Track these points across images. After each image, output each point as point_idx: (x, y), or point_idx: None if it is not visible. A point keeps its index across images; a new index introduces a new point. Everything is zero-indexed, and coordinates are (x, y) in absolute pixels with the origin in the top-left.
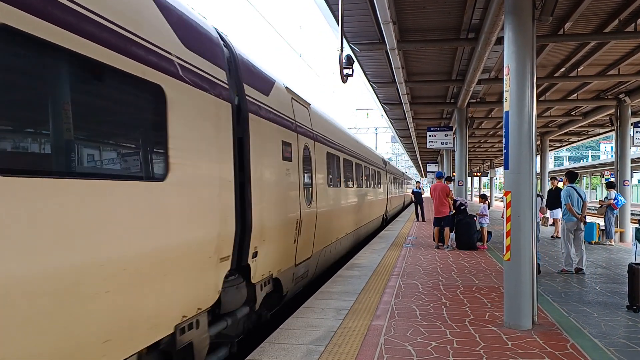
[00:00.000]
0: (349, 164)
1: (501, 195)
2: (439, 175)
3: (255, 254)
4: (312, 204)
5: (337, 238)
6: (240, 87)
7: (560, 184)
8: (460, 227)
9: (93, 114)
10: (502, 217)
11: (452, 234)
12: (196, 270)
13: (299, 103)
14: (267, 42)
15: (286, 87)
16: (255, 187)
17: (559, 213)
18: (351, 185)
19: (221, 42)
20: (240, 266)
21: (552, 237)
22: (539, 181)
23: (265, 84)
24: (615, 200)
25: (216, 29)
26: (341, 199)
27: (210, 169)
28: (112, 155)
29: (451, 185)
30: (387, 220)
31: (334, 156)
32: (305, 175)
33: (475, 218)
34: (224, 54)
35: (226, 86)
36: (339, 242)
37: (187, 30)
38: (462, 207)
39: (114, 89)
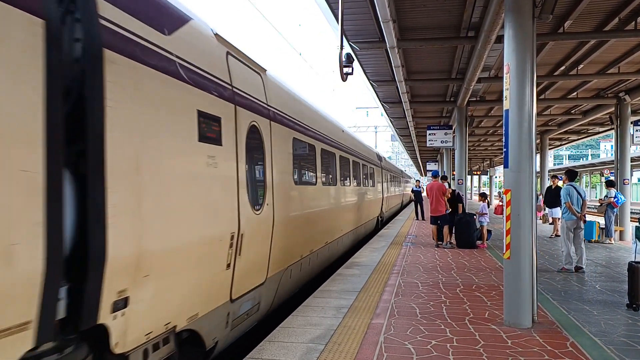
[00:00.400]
0: (331, 156)
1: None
2: (434, 174)
3: (121, 303)
4: (263, 208)
5: (310, 250)
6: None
7: (560, 183)
8: (460, 226)
9: None
10: (496, 213)
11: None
12: None
13: (244, 64)
14: (266, 40)
15: (216, 34)
16: (119, 184)
17: (558, 212)
18: (334, 183)
19: None
20: (80, 331)
21: (550, 237)
22: (539, 180)
23: (161, 14)
24: (616, 199)
25: None
26: (318, 200)
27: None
28: None
29: (447, 185)
30: (382, 223)
31: (307, 145)
32: (253, 167)
33: (475, 217)
34: None
35: None
36: (316, 254)
37: None
38: (458, 195)
39: None
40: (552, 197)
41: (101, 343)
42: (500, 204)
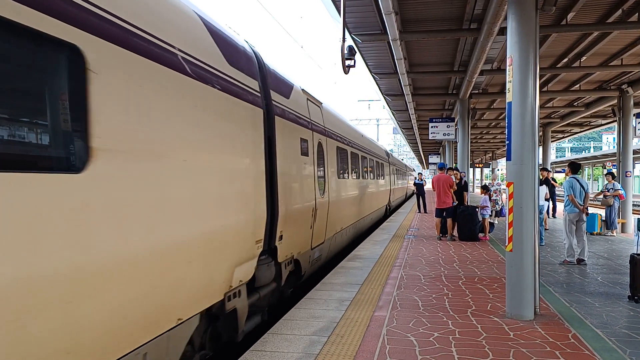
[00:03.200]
0: (356, 157)
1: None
2: (441, 166)
3: (281, 237)
4: (325, 194)
5: (346, 225)
6: (268, 93)
7: (559, 175)
8: (462, 218)
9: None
10: (493, 203)
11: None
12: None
13: (313, 102)
14: (267, 32)
15: (302, 89)
16: (280, 179)
17: (544, 207)
18: (358, 177)
19: (254, 56)
20: (270, 248)
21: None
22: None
23: (286, 88)
24: (622, 191)
25: (247, 42)
26: (349, 190)
27: (249, 163)
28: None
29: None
30: (390, 211)
31: (343, 150)
32: (319, 168)
33: (477, 209)
34: (256, 67)
35: (258, 94)
36: (348, 229)
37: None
38: (465, 184)
39: None
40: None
41: (273, 256)
42: (486, 196)
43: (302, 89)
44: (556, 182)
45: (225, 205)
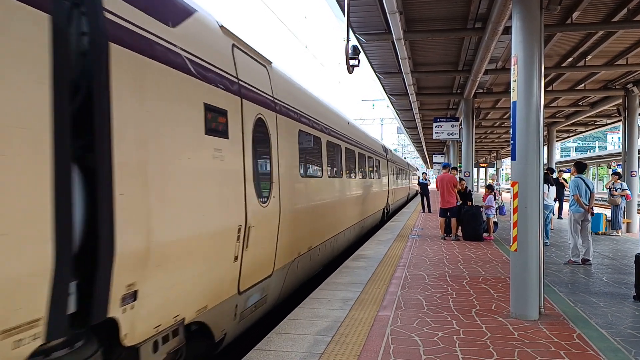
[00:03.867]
0: (336, 148)
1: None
2: (445, 166)
3: (129, 297)
4: (270, 201)
5: (318, 242)
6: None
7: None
8: (466, 218)
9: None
10: (488, 203)
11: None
12: None
13: (250, 56)
14: (271, 32)
15: (222, 26)
16: (127, 178)
17: (552, 206)
18: (340, 176)
19: None
20: (94, 324)
21: None
22: None
23: (166, 7)
24: (629, 191)
25: None
26: (324, 193)
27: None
28: None
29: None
30: (388, 215)
31: (313, 137)
32: (260, 160)
33: (481, 209)
34: None
35: None
36: (323, 245)
37: None
38: (469, 192)
39: None
40: None
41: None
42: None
43: (222, 26)
44: (566, 183)
45: None
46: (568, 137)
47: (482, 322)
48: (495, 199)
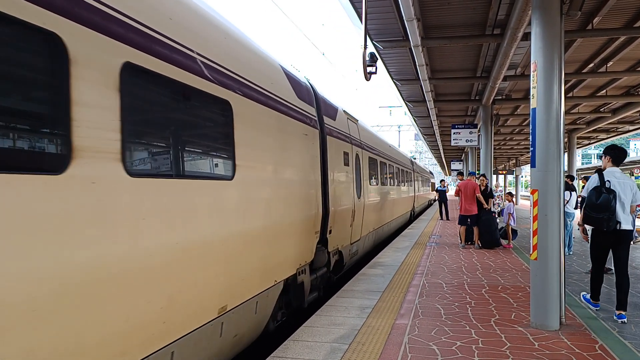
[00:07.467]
0: (385, 165)
1: (527, 193)
2: (471, 174)
3: (330, 231)
4: (361, 198)
5: (377, 226)
6: (321, 117)
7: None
8: (481, 225)
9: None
10: (508, 210)
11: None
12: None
13: (351, 120)
14: (289, 40)
15: (344, 110)
16: (330, 185)
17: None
18: (387, 184)
19: (310, 87)
20: (322, 239)
21: None
22: None
23: (332, 111)
24: None
25: (305, 77)
26: (380, 195)
27: (313, 173)
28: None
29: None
30: (414, 216)
31: (375, 160)
32: (357, 175)
33: (494, 214)
34: (313, 96)
35: (315, 118)
36: (380, 229)
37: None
38: (490, 191)
39: None
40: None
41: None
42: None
43: (344, 110)
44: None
45: (301, 204)
46: (589, 143)
47: (501, 332)
48: (494, 203)
